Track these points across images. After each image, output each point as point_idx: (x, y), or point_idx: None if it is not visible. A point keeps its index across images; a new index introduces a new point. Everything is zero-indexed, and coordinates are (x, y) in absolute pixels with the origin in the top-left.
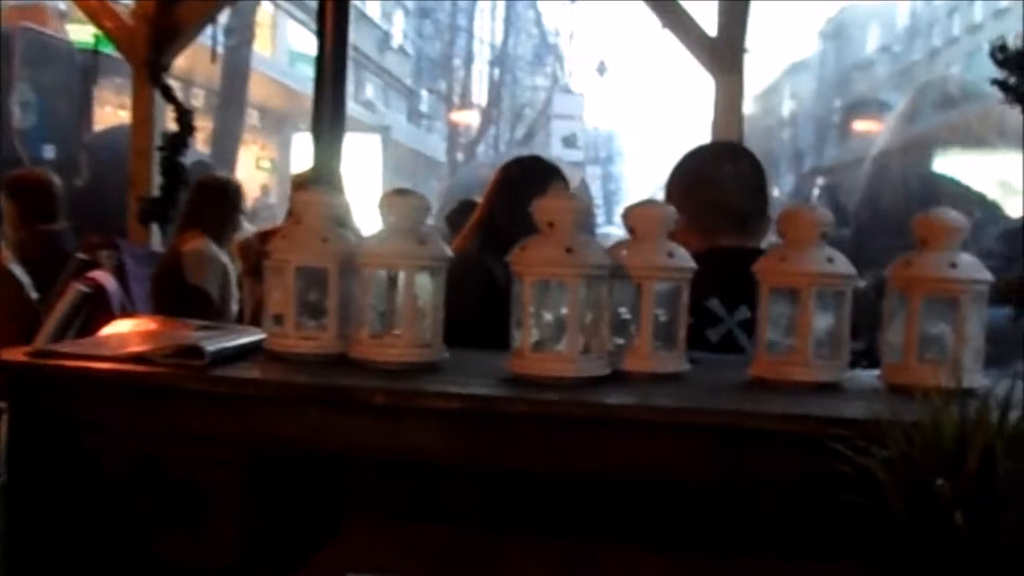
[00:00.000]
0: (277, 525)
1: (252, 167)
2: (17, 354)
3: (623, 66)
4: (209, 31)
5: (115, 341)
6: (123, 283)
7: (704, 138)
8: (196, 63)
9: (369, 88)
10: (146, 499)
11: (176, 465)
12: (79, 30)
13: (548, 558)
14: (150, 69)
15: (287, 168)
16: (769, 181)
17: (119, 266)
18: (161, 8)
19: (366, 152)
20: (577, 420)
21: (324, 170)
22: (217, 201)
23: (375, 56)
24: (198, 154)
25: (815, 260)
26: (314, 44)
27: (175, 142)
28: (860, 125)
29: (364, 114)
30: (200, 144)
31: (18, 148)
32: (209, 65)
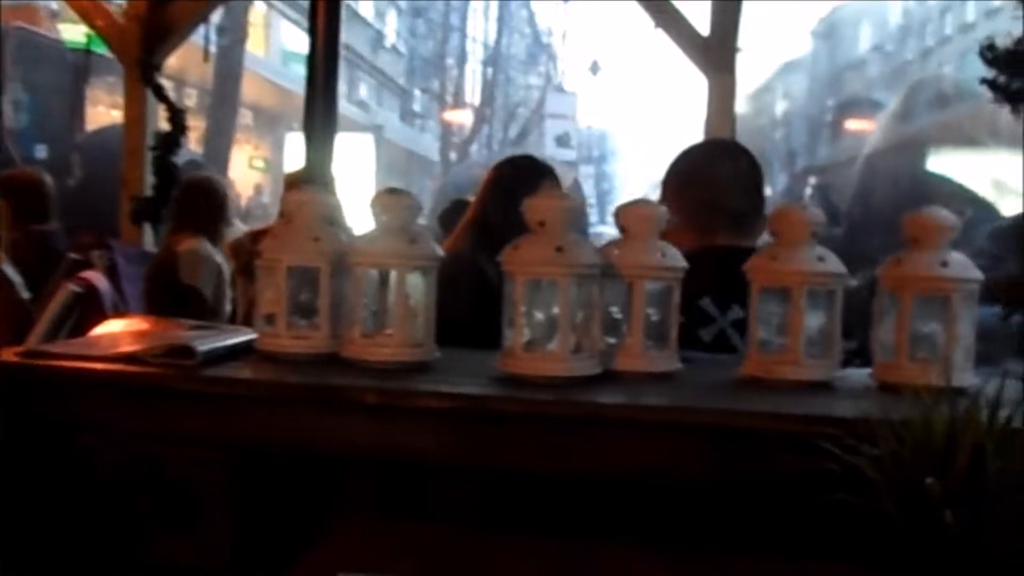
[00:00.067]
0: (269, 524)
1: (245, 167)
2: (9, 354)
3: (616, 65)
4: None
5: (107, 341)
6: (115, 283)
7: (697, 137)
8: (189, 62)
9: (362, 87)
10: (139, 499)
11: (168, 465)
12: (71, 29)
13: (541, 557)
14: (142, 68)
15: (280, 167)
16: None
17: (111, 266)
18: (153, 7)
19: (359, 151)
20: (569, 419)
21: (316, 169)
22: (206, 200)
23: (368, 55)
24: (191, 153)
25: (806, 259)
26: (307, 43)
27: (167, 141)
28: (853, 124)
29: (357, 113)
30: (193, 144)
31: (10, 148)
32: (202, 64)
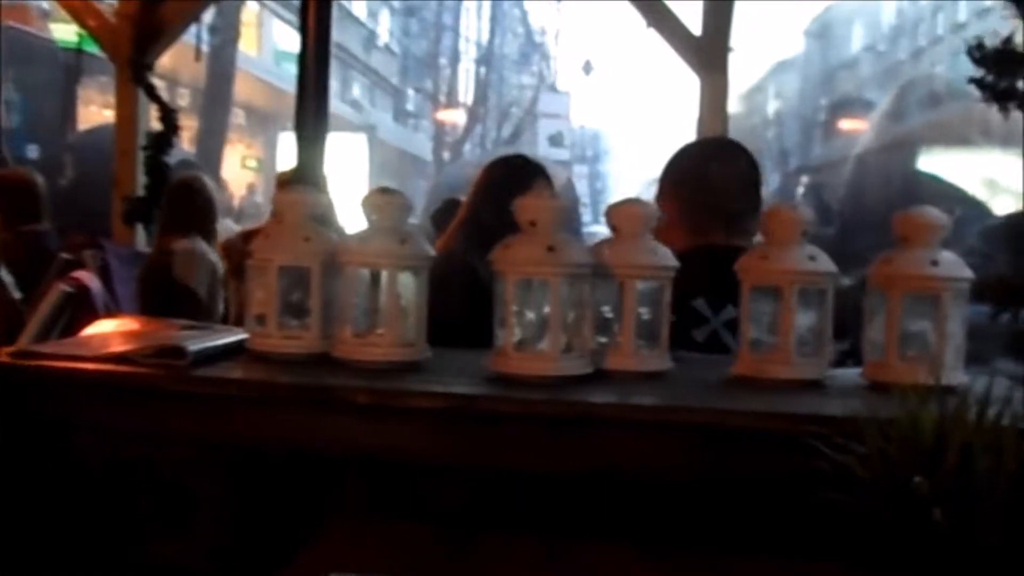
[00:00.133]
0: (261, 524)
1: (238, 166)
2: (0, 355)
3: (609, 65)
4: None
5: (98, 341)
6: (107, 283)
7: (690, 136)
8: (181, 62)
9: (355, 87)
10: (130, 499)
11: (159, 465)
12: (62, 29)
13: (531, 557)
14: (134, 68)
15: (273, 167)
16: None
17: (103, 266)
18: (145, 7)
19: (352, 151)
20: (560, 419)
21: (308, 169)
22: (196, 200)
23: (361, 55)
24: (183, 153)
25: (797, 258)
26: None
27: (159, 141)
28: (845, 124)
29: (350, 113)
30: (185, 143)
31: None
32: (194, 64)
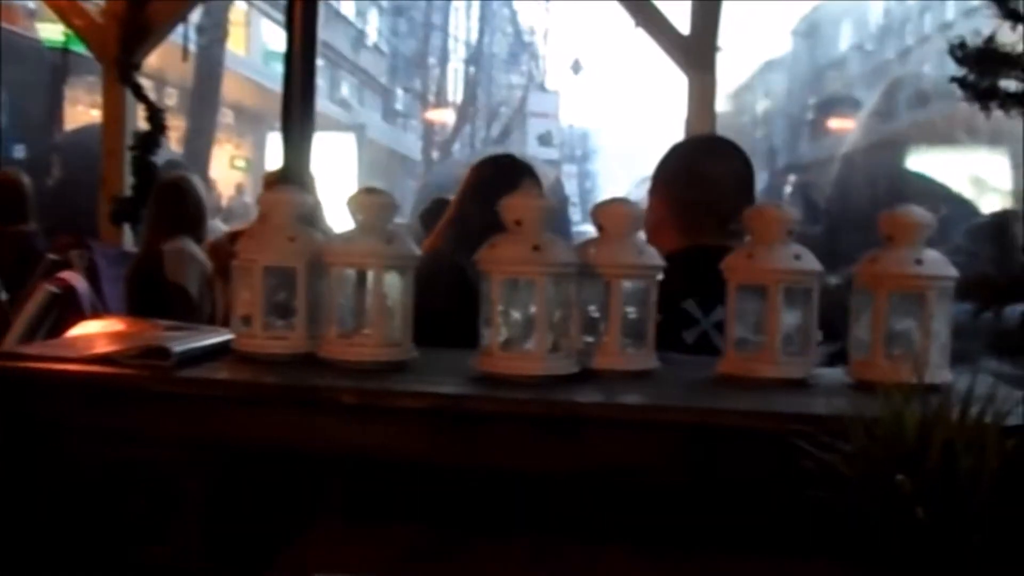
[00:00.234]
0: (246, 525)
1: (227, 166)
2: None
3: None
4: (181, 30)
5: (82, 342)
6: (95, 283)
7: (678, 135)
8: (168, 62)
9: (344, 87)
10: (117, 500)
11: (144, 466)
12: (49, 28)
13: (518, 557)
14: (120, 68)
15: (262, 167)
16: None
17: (90, 266)
18: (131, 7)
19: (341, 151)
20: (546, 418)
21: (294, 169)
22: (184, 200)
23: (350, 54)
24: (170, 153)
25: (782, 257)
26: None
27: (147, 141)
28: (833, 123)
29: (339, 113)
30: (173, 143)
31: None
32: (182, 64)
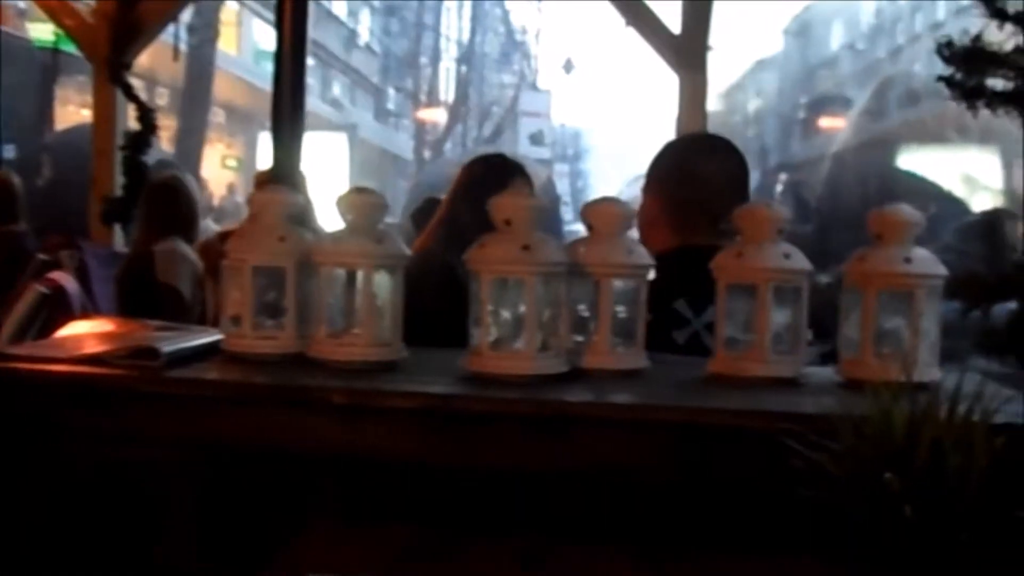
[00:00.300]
0: (237, 526)
1: (218, 166)
2: None
3: (589, 64)
4: (172, 29)
5: (71, 343)
6: (85, 284)
7: (670, 135)
8: (159, 61)
9: (336, 86)
10: (104, 501)
11: (134, 467)
12: (39, 28)
13: (509, 557)
14: (111, 68)
15: (253, 166)
16: None
17: (81, 266)
18: (122, 6)
19: (333, 150)
20: (536, 418)
21: (284, 168)
22: (176, 200)
23: (342, 54)
24: (161, 153)
25: (772, 256)
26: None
27: (137, 141)
28: (825, 122)
29: (331, 112)
30: (165, 143)
31: None
32: (173, 63)
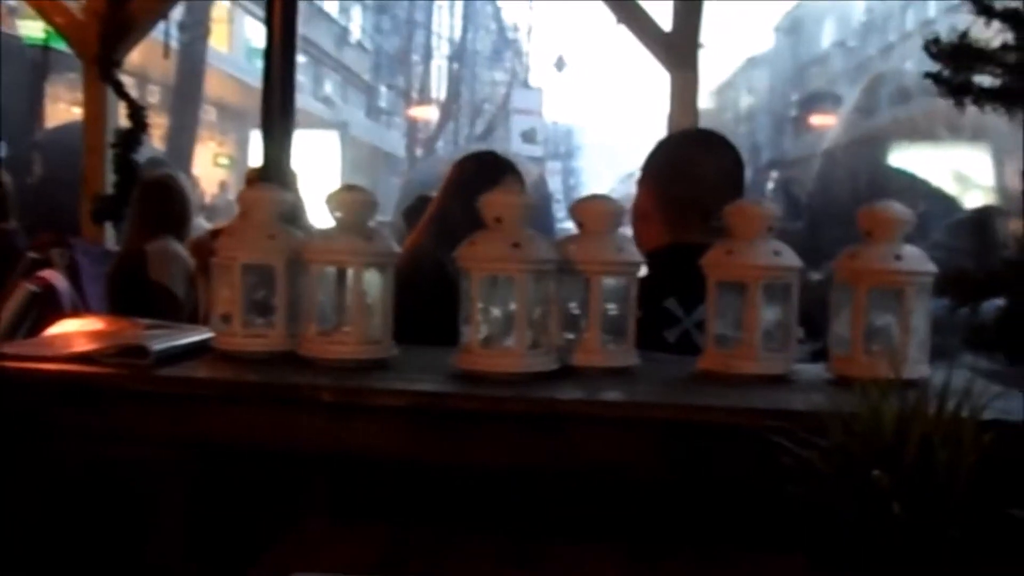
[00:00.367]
0: (226, 524)
1: (210, 163)
2: None
3: (581, 61)
4: (162, 26)
5: (61, 341)
6: (76, 282)
7: (662, 132)
8: (150, 59)
9: (327, 84)
10: (93, 499)
11: (123, 465)
12: (30, 26)
13: (499, 555)
14: (102, 65)
15: (245, 164)
16: None
17: (72, 265)
18: (112, 4)
19: (325, 148)
20: (526, 416)
21: (274, 166)
22: (168, 199)
23: (333, 52)
24: (152, 150)
25: (762, 253)
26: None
27: (128, 139)
28: (816, 119)
29: (322, 110)
30: (156, 141)
31: None
32: (164, 61)
